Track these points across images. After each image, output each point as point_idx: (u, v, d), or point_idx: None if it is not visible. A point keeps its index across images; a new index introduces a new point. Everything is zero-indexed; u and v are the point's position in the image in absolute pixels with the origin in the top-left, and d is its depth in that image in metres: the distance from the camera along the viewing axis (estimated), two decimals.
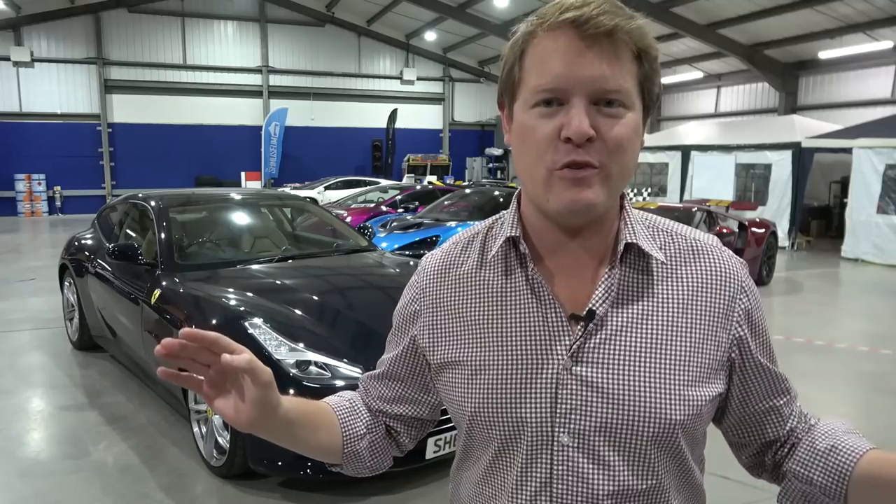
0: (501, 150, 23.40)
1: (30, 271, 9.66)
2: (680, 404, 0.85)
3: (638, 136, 0.85)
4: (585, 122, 0.79)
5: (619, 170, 0.83)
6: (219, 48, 21.55)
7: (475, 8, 18.83)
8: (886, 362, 5.57)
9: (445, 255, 1.01)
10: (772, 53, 16.90)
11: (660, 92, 0.88)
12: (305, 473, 3.14)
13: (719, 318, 0.89)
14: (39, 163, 19.53)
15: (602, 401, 0.85)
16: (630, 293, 0.88)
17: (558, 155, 0.81)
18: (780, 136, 12.82)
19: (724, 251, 0.93)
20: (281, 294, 3.86)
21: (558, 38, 0.80)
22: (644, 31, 0.82)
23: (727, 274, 0.91)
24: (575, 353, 0.86)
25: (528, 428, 0.88)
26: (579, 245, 0.89)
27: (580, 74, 0.79)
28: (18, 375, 5.06)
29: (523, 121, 0.85)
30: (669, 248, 0.91)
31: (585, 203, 0.82)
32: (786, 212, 12.39)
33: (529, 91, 0.83)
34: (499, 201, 10.24)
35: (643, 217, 0.94)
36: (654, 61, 0.84)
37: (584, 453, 0.86)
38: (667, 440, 0.86)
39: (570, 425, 0.86)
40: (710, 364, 0.88)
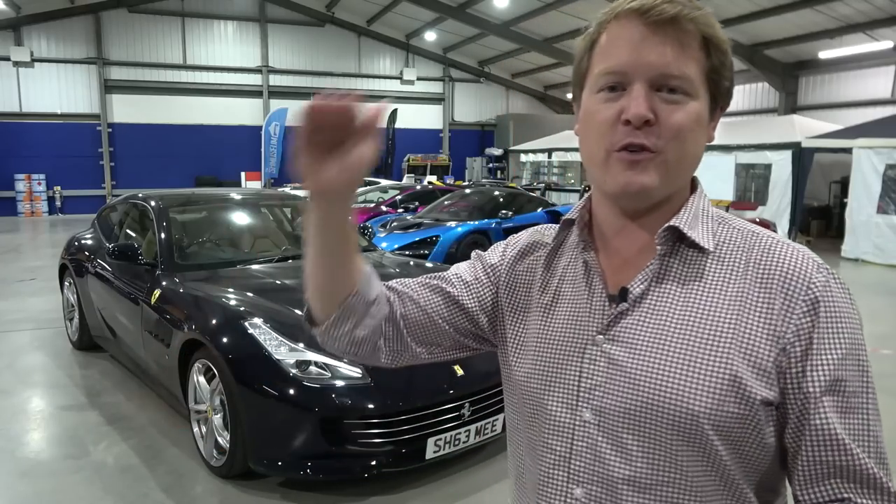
0: (501, 151, 23.39)
1: (30, 271, 9.65)
2: (706, 396, 0.80)
3: (701, 126, 0.86)
4: (644, 105, 0.81)
5: (676, 156, 0.84)
6: (219, 48, 21.53)
7: (475, 8, 18.81)
8: (886, 362, 5.57)
9: (530, 235, 1.08)
10: (772, 53, 16.90)
11: (731, 86, 0.88)
12: (305, 473, 3.14)
13: (776, 314, 0.81)
14: (39, 163, 19.50)
15: (625, 381, 0.85)
16: (671, 277, 0.87)
17: (617, 136, 0.83)
18: (780, 136, 12.81)
19: (801, 251, 0.84)
20: (281, 294, 3.86)
21: (624, 26, 0.84)
22: (710, 20, 0.84)
23: (791, 269, 0.82)
24: (606, 330, 0.88)
25: (553, 397, 0.91)
26: (639, 228, 0.91)
27: (642, 59, 0.82)
28: (18, 375, 5.06)
29: (588, 106, 0.88)
30: (731, 242, 0.88)
31: (639, 186, 0.84)
32: (786, 212, 12.39)
33: (595, 76, 0.87)
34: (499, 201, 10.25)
35: (714, 211, 0.92)
36: (724, 54, 0.85)
37: (604, 433, 0.86)
38: (690, 432, 0.80)
39: (592, 402, 0.87)
40: (759, 363, 0.80)
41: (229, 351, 3.28)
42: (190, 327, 3.57)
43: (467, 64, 24.62)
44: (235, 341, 3.34)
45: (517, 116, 24.36)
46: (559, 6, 16.82)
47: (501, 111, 25.37)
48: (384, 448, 3.12)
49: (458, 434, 3.27)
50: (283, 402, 3.10)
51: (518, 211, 9.92)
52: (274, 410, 3.13)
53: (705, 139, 0.87)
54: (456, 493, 3.33)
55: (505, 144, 23.62)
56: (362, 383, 3.14)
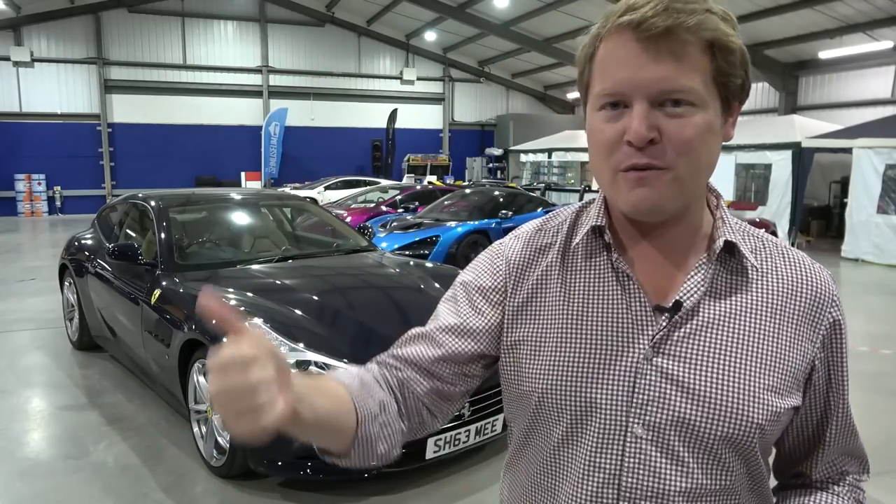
0: (501, 151, 23.40)
1: (30, 271, 9.65)
2: (760, 408, 0.84)
3: (712, 134, 0.82)
4: (644, 125, 0.78)
5: (689, 170, 0.81)
6: (219, 48, 21.54)
7: (475, 8, 18.81)
8: (886, 362, 5.57)
9: (531, 234, 1.00)
10: (772, 53, 16.90)
11: (744, 83, 0.84)
12: (305, 473, 3.14)
13: (807, 327, 0.88)
14: (39, 163, 19.51)
15: (680, 395, 0.84)
16: (721, 290, 0.87)
17: (621, 157, 0.81)
18: (780, 136, 12.81)
19: (815, 263, 0.92)
20: (281, 294, 3.86)
21: (618, 41, 0.80)
22: (710, 22, 0.78)
23: (818, 284, 0.90)
24: (658, 344, 0.86)
25: (599, 412, 0.87)
26: (661, 237, 0.89)
27: (639, 77, 0.79)
28: (18, 375, 5.06)
29: (591, 123, 0.86)
30: (760, 252, 0.91)
31: (650, 205, 0.82)
32: (786, 212, 12.38)
33: (595, 95, 0.84)
34: (498, 201, 10.25)
35: (734, 220, 0.93)
36: (731, 53, 0.81)
37: (658, 447, 0.85)
38: (742, 443, 0.85)
39: (645, 417, 0.85)
40: (793, 373, 0.87)
41: None
42: (190, 327, 3.57)
43: (467, 64, 24.63)
44: None
45: (517, 116, 24.37)
46: (559, 6, 16.82)
47: (501, 111, 25.38)
48: None
49: (458, 434, 3.27)
50: None
51: (518, 211, 9.92)
52: None
53: (719, 144, 0.85)
54: (456, 493, 3.34)
55: (505, 144, 23.63)
56: None
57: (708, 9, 0.79)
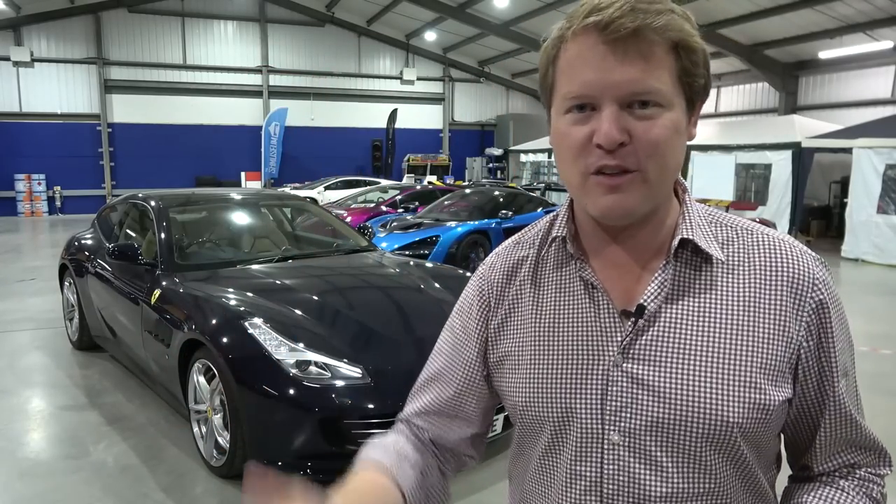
0: (501, 151, 23.39)
1: (30, 271, 9.65)
2: (737, 405, 0.82)
3: (679, 134, 0.82)
4: (614, 128, 0.77)
5: (657, 172, 0.81)
6: (219, 48, 21.54)
7: (475, 8, 18.81)
8: (886, 362, 5.57)
9: (508, 251, 1.02)
10: (772, 53, 16.90)
11: (706, 83, 0.84)
12: (305, 473, 3.14)
13: (788, 314, 0.84)
14: (39, 163, 19.52)
15: (652, 398, 0.83)
16: (685, 289, 0.86)
17: (591, 159, 0.80)
18: (780, 136, 12.81)
19: (797, 246, 0.88)
20: (281, 294, 3.86)
21: (583, 43, 0.79)
22: (675, 23, 0.78)
23: (796, 268, 0.85)
24: (625, 349, 0.85)
25: (575, 422, 0.88)
26: (629, 240, 0.88)
27: (607, 80, 0.78)
28: (18, 375, 5.06)
29: (557, 126, 0.85)
30: (733, 243, 0.88)
31: (622, 209, 0.82)
32: (786, 212, 12.39)
33: (561, 98, 0.83)
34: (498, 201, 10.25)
35: (706, 212, 0.92)
36: (695, 53, 0.80)
37: (635, 453, 0.84)
38: (723, 442, 0.83)
39: (620, 423, 0.85)
40: (776, 365, 0.84)
41: (229, 351, 3.28)
42: (190, 327, 3.57)
43: (467, 64, 24.63)
44: (235, 341, 3.34)
45: (517, 116, 24.38)
46: (559, 6, 16.82)
47: (501, 111, 25.38)
48: None
49: None
50: (283, 402, 3.10)
51: (518, 211, 9.92)
52: (274, 410, 3.13)
53: (684, 144, 0.84)
54: (456, 493, 3.33)
55: (505, 144, 23.63)
56: (362, 383, 3.13)
57: (671, 9, 0.79)
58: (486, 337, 1.00)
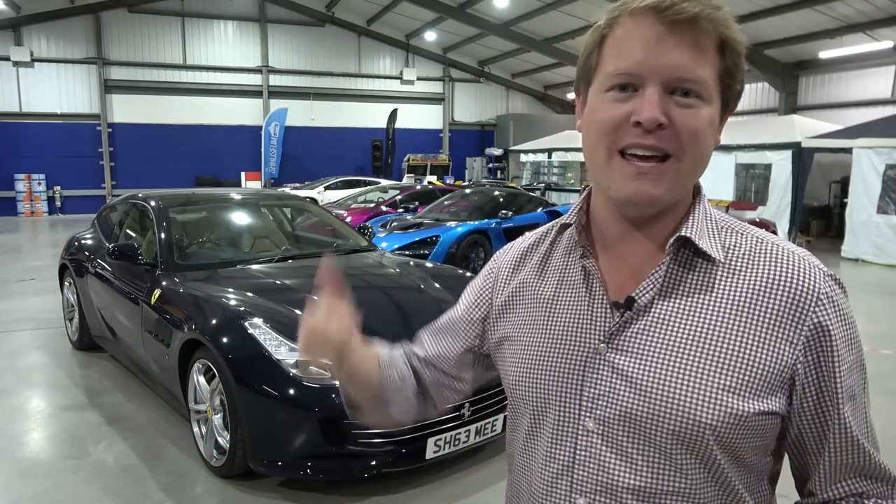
0: (501, 151, 23.38)
1: (30, 271, 9.65)
2: (711, 406, 0.80)
3: (713, 131, 0.83)
4: (657, 108, 0.78)
5: (692, 162, 0.81)
6: (219, 48, 21.53)
7: (475, 8, 18.80)
8: (886, 362, 5.57)
9: (525, 240, 1.07)
10: (772, 53, 16.90)
11: (741, 89, 0.85)
12: (305, 473, 3.14)
13: (784, 328, 0.81)
14: (39, 163, 19.51)
15: (628, 389, 0.84)
16: (679, 287, 0.85)
17: (625, 136, 0.80)
18: (780, 136, 12.81)
19: (807, 259, 0.84)
20: (281, 294, 3.86)
21: (639, 23, 0.79)
22: (729, 20, 0.80)
23: (801, 281, 0.82)
24: (610, 339, 0.86)
25: (552, 406, 0.90)
26: (640, 234, 0.88)
27: (658, 61, 0.78)
28: (18, 375, 5.06)
29: (595, 105, 0.84)
30: (738, 248, 0.86)
31: (648, 197, 0.82)
32: (786, 212, 12.38)
33: (606, 75, 0.82)
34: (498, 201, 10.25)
35: (717, 215, 0.91)
36: (739, 56, 0.82)
37: (607, 442, 0.85)
38: (694, 442, 0.81)
39: (595, 411, 0.86)
40: (762, 375, 0.81)
41: (229, 351, 3.28)
42: (190, 327, 3.57)
43: (467, 64, 24.62)
44: (235, 341, 3.34)
45: (517, 116, 24.37)
46: (559, 6, 16.82)
47: (501, 111, 25.37)
48: (384, 448, 3.12)
49: (458, 434, 3.26)
50: (283, 402, 3.10)
51: (518, 211, 9.92)
52: (274, 410, 3.13)
53: (714, 144, 0.84)
54: (456, 493, 3.33)
55: (505, 144, 23.62)
56: None
57: (723, 7, 0.81)
58: (488, 311, 1.06)
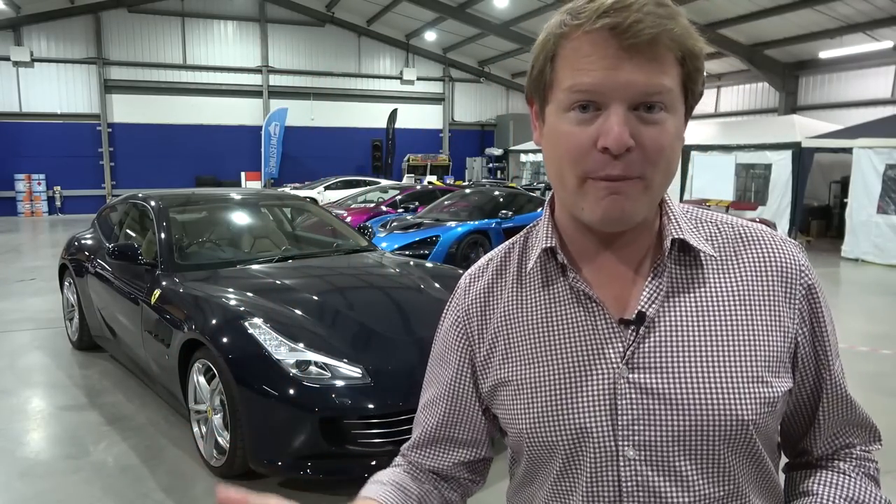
0: (501, 151, 23.39)
1: (30, 271, 9.65)
2: (750, 402, 0.80)
3: (679, 140, 0.81)
4: (625, 131, 0.74)
5: (662, 178, 0.79)
6: (219, 48, 21.54)
7: (475, 8, 18.81)
8: (886, 362, 5.57)
9: (484, 273, 0.98)
10: (772, 53, 16.90)
11: (702, 89, 0.84)
12: (305, 473, 3.14)
13: (782, 304, 0.84)
14: (39, 163, 19.51)
15: (666, 408, 0.81)
16: (680, 290, 0.84)
17: (594, 164, 0.77)
18: (780, 136, 12.81)
19: (777, 236, 0.89)
20: (281, 294, 3.86)
21: (595, 42, 0.75)
22: (689, 32, 0.78)
23: (784, 258, 0.86)
24: (629, 359, 0.82)
25: (588, 442, 0.84)
26: (619, 246, 0.86)
27: (619, 80, 0.75)
28: (18, 375, 5.06)
29: (556, 126, 0.80)
30: (717, 239, 0.87)
31: (622, 214, 0.79)
32: (786, 212, 12.38)
33: (563, 91, 0.78)
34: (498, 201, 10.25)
35: (685, 209, 0.91)
36: (698, 59, 0.80)
37: (654, 466, 0.81)
38: (742, 442, 0.81)
39: (634, 437, 0.82)
40: (777, 355, 0.83)
41: (229, 351, 3.28)
42: (190, 327, 3.57)
43: (467, 64, 24.62)
44: (235, 341, 3.34)
45: (517, 116, 24.36)
46: (559, 6, 16.32)
47: (501, 111, 25.37)
48: (384, 448, 3.11)
49: None
50: (283, 402, 3.10)
51: (518, 211, 9.92)
52: (274, 410, 3.13)
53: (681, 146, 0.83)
54: None
55: (505, 144, 23.62)
56: (362, 383, 3.13)
57: (679, 13, 0.78)
58: (472, 367, 0.97)
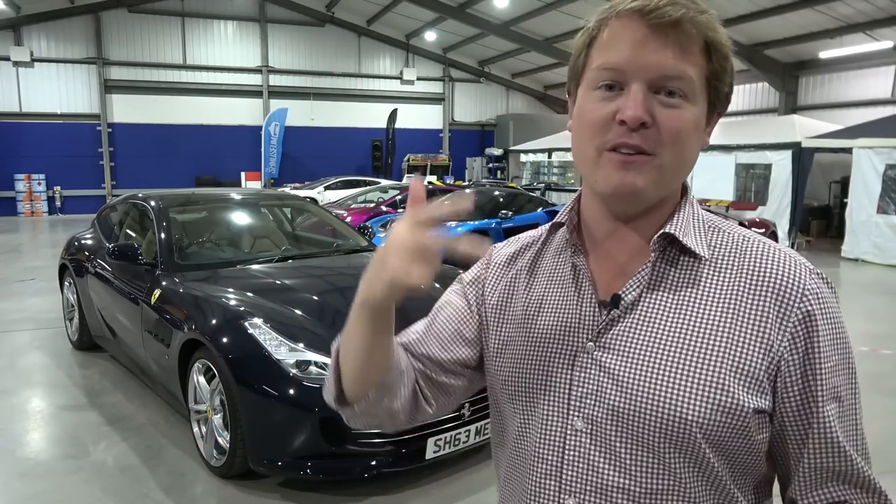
0: (501, 151, 23.38)
1: (29, 271, 9.65)
2: (698, 403, 0.80)
3: (698, 132, 0.84)
4: (641, 106, 0.79)
5: (673, 161, 0.82)
6: (219, 48, 21.53)
7: (475, 8, 18.81)
8: (886, 362, 5.57)
9: (519, 240, 1.06)
10: (772, 53, 16.90)
11: (730, 92, 0.86)
12: (305, 473, 3.14)
13: (772, 323, 0.81)
14: (39, 163, 19.51)
15: (614, 387, 0.84)
16: (666, 285, 0.86)
17: (610, 135, 0.82)
18: (780, 136, 12.81)
19: (793, 256, 0.85)
20: (281, 294, 3.86)
21: (625, 24, 0.81)
22: (713, 23, 0.82)
23: (785, 277, 0.83)
24: (597, 338, 0.87)
25: (541, 405, 0.90)
26: (629, 232, 0.89)
27: (642, 59, 0.80)
28: (18, 375, 5.06)
29: (582, 103, 0.86)
30: (721, 246, 0.88)
31: (631, 187, 0.82)
32: (786, 212, 12.39)
33: (592, 71, 0.84)
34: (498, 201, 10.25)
35: (704, 215, 0.91)
36: (725, 59, 0.83)
37: (596, 441, 0.85)
38: (682, 440, 0.81)
39: (584, 410, 0.86)
40: (750, 371, 0.80)
41: (229, 351, 3.28)
42: (190, 327, 3.57)
43: (467, 64, 24.62)
44: (235, 341, 3.34)
45: (517, 116, 24.37)
46: (559, 6, 16.83)
47: (501, 111, 25.38)
48: (384, 448, 3.12)
49: (458, 434, 3.27)
50: (283, 402, 3.10)
51: (518, 211, 9.92)
52: (274, 410, 3.13)
53: (700, 144, 0.86)
54: (456, 493, 3.33)
55: (505, 144, 23.62)
56: None
57: (710, 11, 0.82)
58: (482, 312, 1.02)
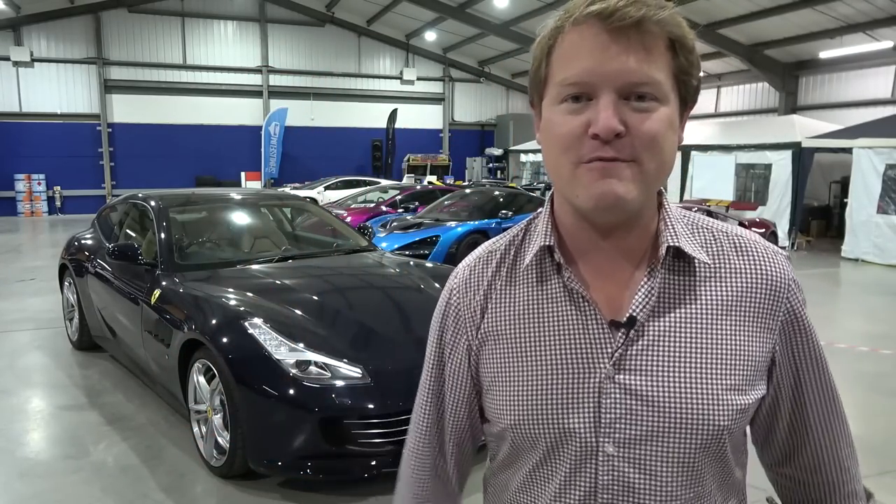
0: (501, 151, 23.38)
1: (29, 271, 9.65)
2: (727, 410, 0.84)
3: (673, 131, 0.81)
4: (614, 118, 0.76)
5: (653, 165, 0.79)
6: (219, 48, 21.53)
7: (475, 8, 18.81)
8: (886, 362, 5.57)
9: (479, 266, 0.98)
10: (772, 53, 16.89)
11: (698, 84, 0.84)
12: (305, 473, 3.14)
13: (764, 318, 0.87)
14: (39, 163, 19.50)
15: (647, 409, 0.84)
16: (672, 297, 0.86)
17: (585, 150, 0.78)
18: (780, 136, 12.81)
19: (769, 248, 0.90)
20: (281, 294, 3.86)
21: (584, 32, 0.78)
22: (677, 19, 0.79)
23: (775, 274, 0.88)
24: (617, 360, 0.85)
25: (573, 438, 0.86)
26: (614, 245, 0.87)
27: (607, 68, 0.77)
28: (18, 375, 5.06)
29: (550, 117, 0.83)
30: (712, 247, 0.89)
31: (615, 197, 0.78)
32: (786, 212, 12.39)
33: (556, 86, 0.81)
34: (498, 201, 10.26)
35: (682, 214, 0.91)
36: (690, 52, 0.81)
37: (631, 463, 0.85)
38: (715, 446, 0.85)
39: (614, 435, 0.85)
40: (755, 367, 0.86)
41: (229, 351, 3.28)
42: (190, 327, 3.57)
43: (467, 64, 24.62)
44: (235, 341, 3.34)
45: (517, 116, 24.36)
46: (559, 6, 16.30)
47: (501, 111, 25.37)
48: (384, 448, 3.12)
49: None
50: (283, 402, 3.10)
51: (518, 211, 9.92)
52: (274, 410, 3.13)
53: (677, 143, 0.83)
54: None
55: (505, 144, 23.62)
56: (362, 383, 3.13)
57: (670, 6, 0.80)
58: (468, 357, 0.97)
